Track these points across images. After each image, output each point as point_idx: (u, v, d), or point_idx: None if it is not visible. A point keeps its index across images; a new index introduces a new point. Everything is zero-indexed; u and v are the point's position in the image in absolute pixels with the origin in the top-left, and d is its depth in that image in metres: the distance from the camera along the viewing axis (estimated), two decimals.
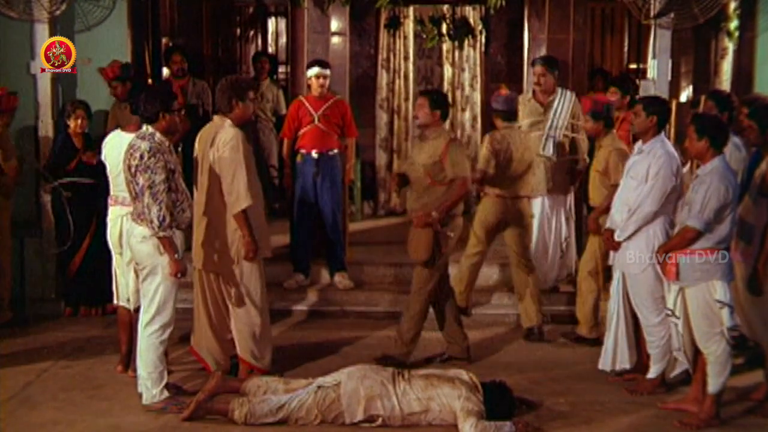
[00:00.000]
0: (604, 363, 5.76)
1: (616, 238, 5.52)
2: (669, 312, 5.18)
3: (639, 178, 5.44)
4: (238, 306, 5.63)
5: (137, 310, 5.46)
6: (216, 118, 5.64)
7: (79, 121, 7.05)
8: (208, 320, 5.74)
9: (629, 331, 5.67)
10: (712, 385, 5.02)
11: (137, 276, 5.44)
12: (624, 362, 5.70)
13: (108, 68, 7.24)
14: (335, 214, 7.39)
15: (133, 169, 5.11)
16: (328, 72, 7.32)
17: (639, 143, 5.64)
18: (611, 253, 5.69)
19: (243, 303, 5.61)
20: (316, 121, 7.29)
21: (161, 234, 5.06)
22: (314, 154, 7.30)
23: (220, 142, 5.45)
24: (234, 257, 5.55)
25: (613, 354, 5.71)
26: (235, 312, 5.66)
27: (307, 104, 7.34)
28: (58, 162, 7.12)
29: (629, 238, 5.46)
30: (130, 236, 5.28)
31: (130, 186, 5.19)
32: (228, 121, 5.54)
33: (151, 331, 5.21)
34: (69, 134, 7.13)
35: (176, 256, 5.13)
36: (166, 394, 5.24)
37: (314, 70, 7.30)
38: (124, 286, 5.73)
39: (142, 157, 5.06)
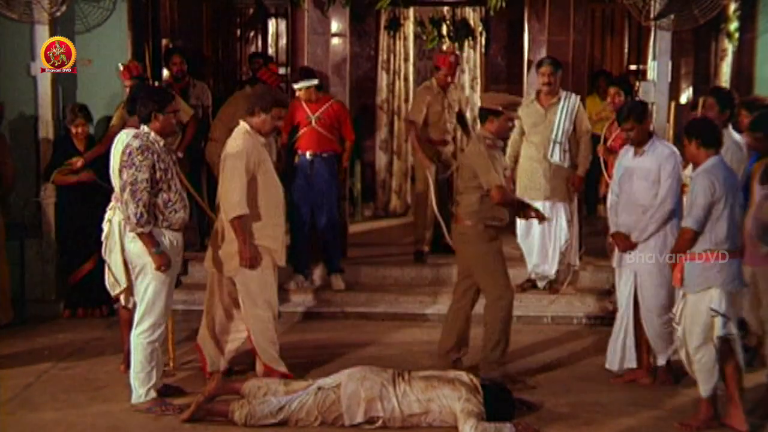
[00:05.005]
0: (612, 363, 5.76)
1: (634, 239, 5.52)
2: (672, 316, 5.20)
3: (650, 179, 5.47)
4: (247, 311, 5.61)
5: (132, 308, 5.47)
6: (240, 122, 5.66)
7: (80, 129, 7.10)
8: (210, 318, 5.76)
9: (636, 331, 5.68)
10: (703, 391, 5.02)
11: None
12: (631, 362, 5.70)
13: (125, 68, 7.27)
14: (330, 216, 7.40)
15: (119, 165, 5.15)
16: (311, 83, 7.28)
17: (631, 148, 5.64)
18: (618, 254, 5.68)
19: (251, 308, 5.58)
20: (313, 123, 7.32)
21: (139, 230, 5.08)
22: (308, 155, 7.33)
23: (227, 148, 5.51)
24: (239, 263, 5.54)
25: (621, 353, 5.70)
26: (248, 318, 5.62)
27: (304, 106, 7.36)
28: (56, 164, 7.13)
29: (647, 238, 5.48)
30: (123, 234, 5.29)
31: (119, 181, 5.23)
32: (245, 128, 5.55)
33: (140, 331, 5.21)
34: (70, 136, 7.14)
35: (156, 250, 5.11)
36: (152, 395, 5.23)
37: (295, 85, 7.35)
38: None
39: (130, 153, 5.09)
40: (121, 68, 7.23)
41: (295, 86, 7.37)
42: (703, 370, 4.98)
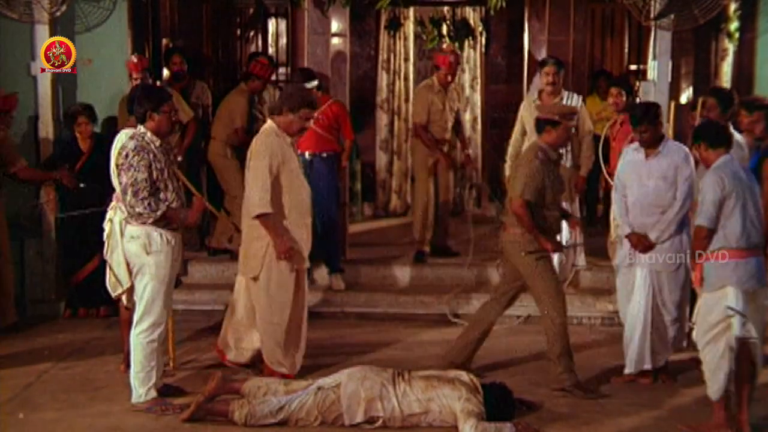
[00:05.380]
0: (631, 365, 5.71)
1: (654, 239, 5.53)
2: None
3: (668, 180, 5.49)
4: (258, 312, 5.62)
5: (133, 308, 5.44)
6: (268, 120, 5.68)
7: (82, 128, 7.10)
8: (236, 320, 5.81)
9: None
10: (710, 392, 4.90)
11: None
12: (648, 363, 5.67)
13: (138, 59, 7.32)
14: (330, 216, 7.40)
15: (118, 168, 5.13)
16: (311, 84, 7.27)
17: (638, 147, 5.64)
18: (628, 254, 5.67)
19: (264, 311, 5.59)
20: (312, 124, 7.32)
21: (159, 215, 5.07)
22: (307, 155, 7.34)
23: (252, 147, 5.53)
24: (261, 263, 5.53)
25: (641, 355, 5.66)
26: (259, 319, 5.64)
27: None
28: (54, 162, 7.13)
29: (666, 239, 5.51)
30: (122, 234, 5.24)
31: (119, 184, 5.21)
32: (272, 127, 5.56)
33: (139, 331, 5.21)
34: (74, 136, 7.15)
35: (182, 216, 5.18)
36: (152, 394, 5.23)
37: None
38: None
39: (127, 155, 5.07)
40: (135, 60, 7.26)
41: None
42: (708, 368, 4.90)
